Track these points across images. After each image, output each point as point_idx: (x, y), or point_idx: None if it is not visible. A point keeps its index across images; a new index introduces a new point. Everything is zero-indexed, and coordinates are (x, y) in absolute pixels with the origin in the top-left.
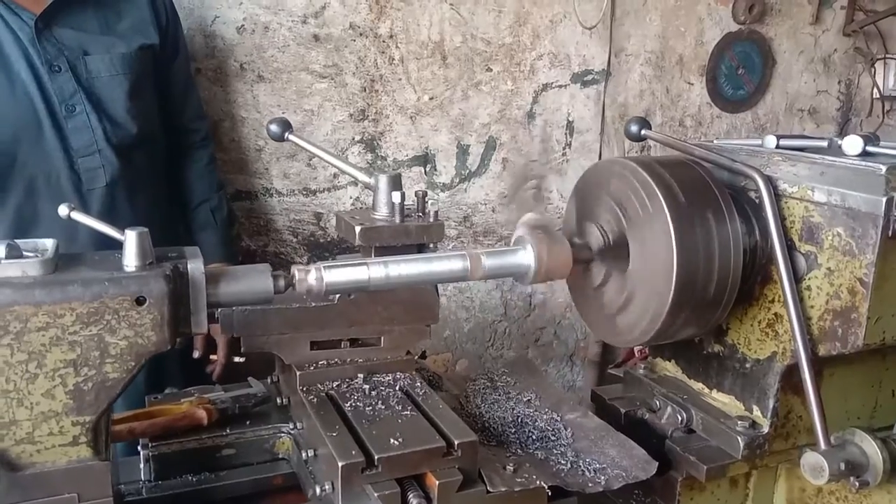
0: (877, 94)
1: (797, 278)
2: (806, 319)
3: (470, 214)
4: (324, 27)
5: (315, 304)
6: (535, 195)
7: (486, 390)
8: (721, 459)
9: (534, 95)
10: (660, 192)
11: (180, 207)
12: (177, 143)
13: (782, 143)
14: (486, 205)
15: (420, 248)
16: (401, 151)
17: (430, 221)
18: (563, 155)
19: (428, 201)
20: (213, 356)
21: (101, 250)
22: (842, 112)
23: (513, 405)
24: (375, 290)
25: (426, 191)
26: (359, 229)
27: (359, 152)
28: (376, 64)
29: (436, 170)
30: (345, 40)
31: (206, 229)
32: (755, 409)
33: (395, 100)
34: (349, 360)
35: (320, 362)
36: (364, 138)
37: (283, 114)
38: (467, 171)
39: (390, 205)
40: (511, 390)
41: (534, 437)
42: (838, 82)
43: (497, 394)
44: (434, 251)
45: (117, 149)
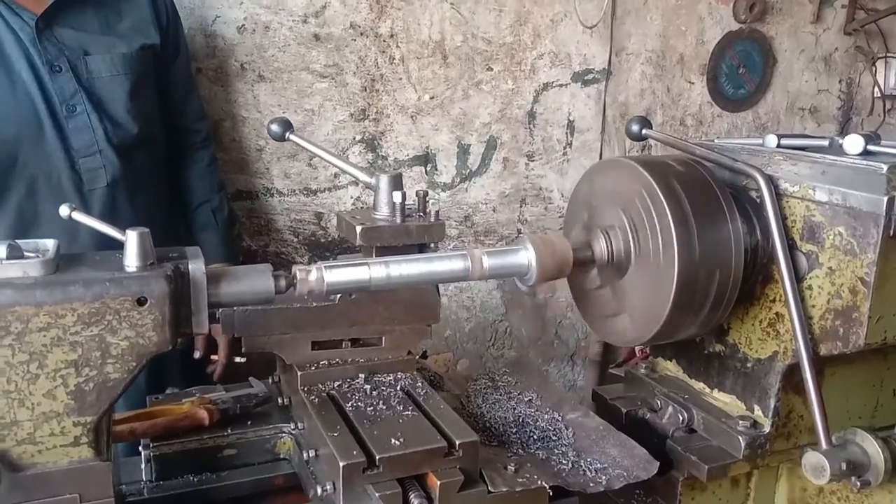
0: (878, 93)
1: (798, 278)
2: (807, 319)
3: (471, 214)
4: (324, 27)
5: (316, 304)
6: (535, 195)
7: (488, 390)
8: (722, 459)
9: (534, 95)
10: (661, 192)
11: (181, 208)
12: (177, 143)
13: (783, 142)
14: (486, 204)
15: (421, 248)
16: (401, 151)
17: (431, 221)
18: (564, 154)
19: (429, 201)
20: (213, 356)
21: (102, 250)
22: (843, 111)
23: (514, 405)
24: (376, 290)
25: (427, 190)
26: (360, 229)
27: (359, 152)
28: (377, 63)
29: (436, 169)
30: (345, 40)
31: (206, 229)
32: (756, 408)
33: (396, 99)
34: (350, 360)
35: (321, 362)
36: (365, 138)
37: (284, 113)
38: (468, 170)
39: (391, 205)
40: (512, 390)
41: (535, 437)
42: (839, 81)
43: (498, 394)
44: (435, 251)
45: (118, 149)
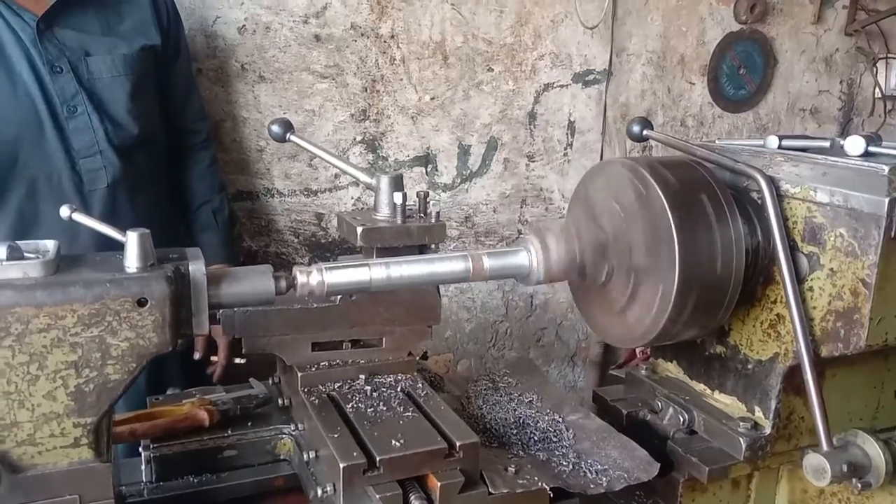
0: (878, 94)
1: (799, 279)
2: (808, 320)
3: (471, 215)
4: (325, 27)
5: (317, 305)
6: (536, 196)
7: (488, 391)
8: (723, 461)
9: (535, 95)
10: (662, 193)
11: (181, 208)
12: (178, 143)
13: (784, 143)
14: (487, 205)
15: (422, 249)
16: (402, 152)
17: (432, 222)
18: (565, 155)
19: (429, 202)
20: (214, 357)
21: (102, 251)
22: (843, 112)
23: (514, 406)
24: (377, 291)
25: (428, 191)
26: (360, 230)
27: (360, 153)
28: (377, 64)
29: (437, 170)
30: (346, 40)
31: (207, 230)
32: (757, 410)
33: (397, 100)
34: (351, 361)
35: (322, 363)
36: (365, 139)
37: (285, 114)
38: (468, 171)
39: (392, 205)
40: (513, 391)
41: (535, 439)
42: (840, 82)
43: (499, 395)
44: (435, 252)
45: (119, 150)
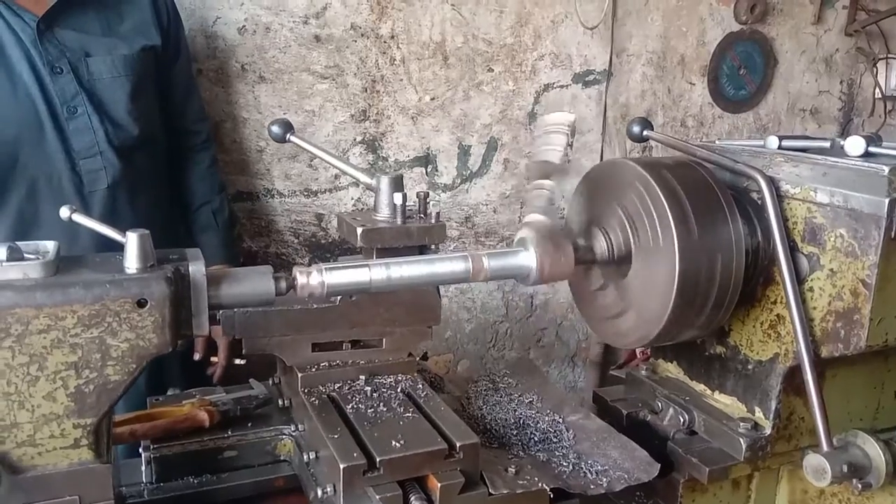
0: (879, 94)
1: (799, 280)
2: (808, 321)
3: (471, 215)
4: (325, 28)
5: (317, 305)
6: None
7: (488, 392)
8: (723, 461)
9: (535, 96)
10: (662, 194)
11: (181, 209)
12: (178, 144)
13: (784, 143)
14: (487, 205)
15: (422, 250)
16: (402, 152)
17: (432, 223)
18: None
19: (429, 202)
20: (214, 358)
21: (102, 252)
22: (844, 112)
23: (514, 407)
24: (377, 291)
25: (428, 192)
26: (360, 231)
27: (360, 153)
28: (377, 64)
29: (437, 170)
30: (346, 41)
31: (207, 231)
32: (757, 410)
33: (397, 100)
34: (351, 361)
35: (322, 364)
36: (365, 139)
37: (285, 114)
38: (469, 171)
39: (392, 206)
40: (513, 392)
41: (536, 439)
42: (840, 82)
43: (499, 395)
44: (435, 252)
45: (119, 150)
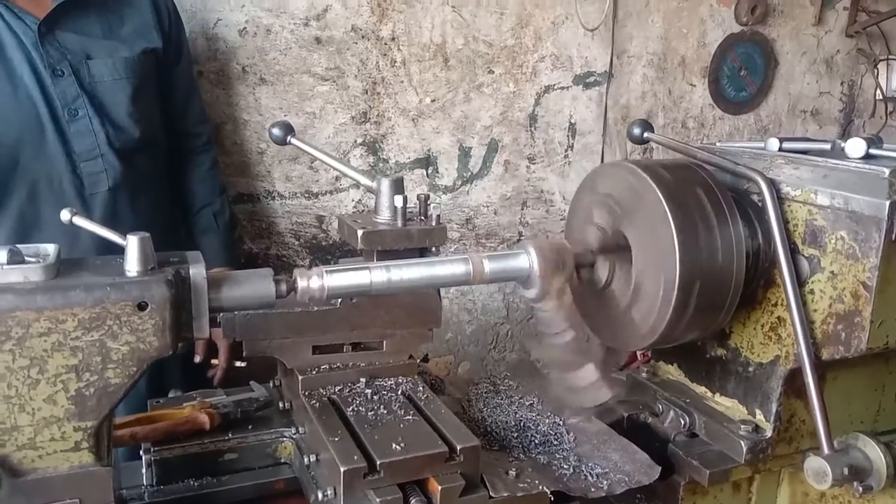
0: (879, 96)
1: (800, 282)
2: (809, 323)
3: (472, 217)
4: (325, 30)
5: (317, 308)
6: (537, 198)
7: (489, 394)
8: (724, 464)
9: (536, 97)
10: (662, 196)
11: (182, 211)
12: (179, 146)
13: (785, 145)
14: (488, 207)
15: (422, 252)
16: (402, 154)
17: (433, 225)
18: (566, 157)
19: (430, 204)
20: (214, 360)
21: (103, 255)
22: (844, 113)
23: (515, 409)
24: (378, 294)
25: (428, 194)
26: (361, 233)
27: (360, 155)
28: (378, 66)
29: (437, 172)
30: (346, 43)
31: (208, 233)
32: (758, 413)
33: (397, 102)
34: (351, 364)
35: (322, 366)
36: (366, 141)
37: (285, 116)
38: (469, 173)
39: (392, 208)
40: (513, 394)
41: (536, 442)
42: (841, 84)
43: (499, 398)
44: (436, 254)
45: (120, 153)
